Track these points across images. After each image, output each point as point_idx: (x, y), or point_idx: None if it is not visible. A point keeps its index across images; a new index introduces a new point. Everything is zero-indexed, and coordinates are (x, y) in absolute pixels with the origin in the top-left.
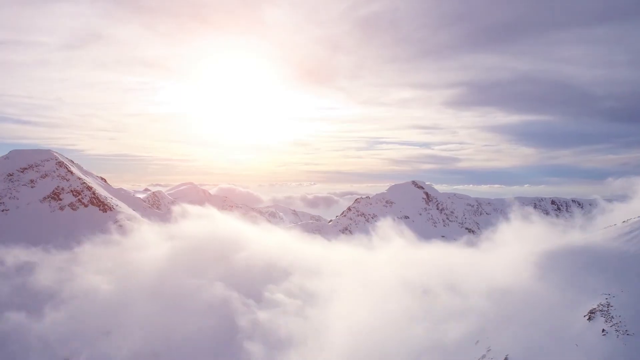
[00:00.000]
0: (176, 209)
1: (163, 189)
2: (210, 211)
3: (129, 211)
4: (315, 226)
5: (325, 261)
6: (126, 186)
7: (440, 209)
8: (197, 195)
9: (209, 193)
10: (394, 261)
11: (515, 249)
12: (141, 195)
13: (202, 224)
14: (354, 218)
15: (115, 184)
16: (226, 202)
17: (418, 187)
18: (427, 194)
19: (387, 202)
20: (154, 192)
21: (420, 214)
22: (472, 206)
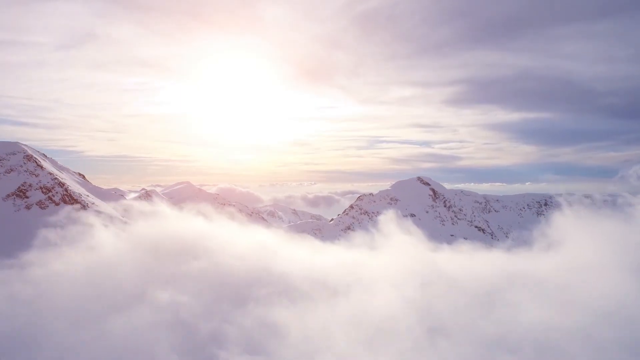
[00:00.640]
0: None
1: (159, 189)
2: (164, 208)
3: (109, 211)
4: (315, 225)
5: (310, 276)
6: (125, 187)
7: (447, 207)
8: (193, 194)
9: (206, 192)
10: (412, 276)
11: (599, 257)
12: (135, 196)
13: (153, 225)
14: (357, 216)
15: (115, 185)
16: (218, 199)
17: (424, 184)
18: (433, 190)
19: (391, 199)
20: (147, 191)
21: (427, 212)
22: (480, 203)
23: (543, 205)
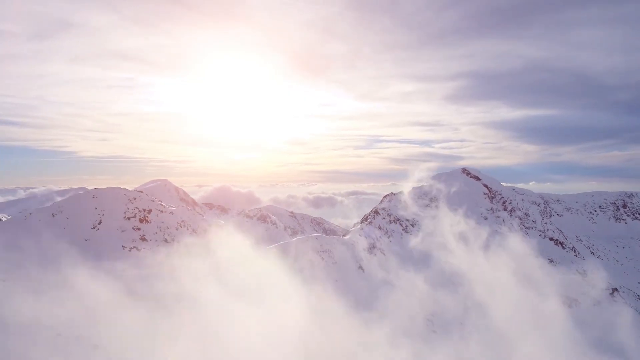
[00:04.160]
0: None
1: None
2: None
3: None
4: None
5: None
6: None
7: (509, 210)
8: (168, 195)
9: (183, 192)
10: None
11: None
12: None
13: None
14: (385, 227)
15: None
16: (185, 199)
17: (473, 178)
18: (487, 187)
19: (431, 199)
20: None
21: (486, 218)
22: (539, 205)
23: (621, 207)
